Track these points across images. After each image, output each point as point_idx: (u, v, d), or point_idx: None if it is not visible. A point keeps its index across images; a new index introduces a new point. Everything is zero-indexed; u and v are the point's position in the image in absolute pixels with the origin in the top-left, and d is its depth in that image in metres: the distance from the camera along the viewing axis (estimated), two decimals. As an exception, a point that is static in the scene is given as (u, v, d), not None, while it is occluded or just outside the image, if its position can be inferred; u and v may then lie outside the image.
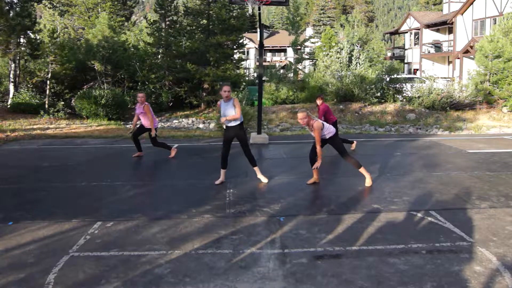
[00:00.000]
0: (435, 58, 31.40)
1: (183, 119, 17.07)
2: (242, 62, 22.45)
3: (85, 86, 18.32)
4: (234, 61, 20.47)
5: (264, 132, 11.34)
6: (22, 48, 16.51)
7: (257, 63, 17.16)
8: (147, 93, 18.72)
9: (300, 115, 5.65)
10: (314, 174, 6.09)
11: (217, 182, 6.12)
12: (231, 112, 5.87)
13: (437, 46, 31.39)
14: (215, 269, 3.44)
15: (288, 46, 40.33)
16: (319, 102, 8.28)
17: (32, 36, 17.01)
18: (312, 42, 34.13)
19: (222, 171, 6.17)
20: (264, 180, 6.21)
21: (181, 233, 4.23)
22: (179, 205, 5.13)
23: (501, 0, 24.02)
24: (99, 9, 30.38)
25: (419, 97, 16.90)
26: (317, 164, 5.68)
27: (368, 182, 5.97)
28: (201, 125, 15.77)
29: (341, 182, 6.23)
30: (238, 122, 5.97)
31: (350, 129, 14.29)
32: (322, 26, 47.85)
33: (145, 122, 7.94)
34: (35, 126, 13.07)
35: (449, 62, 30.48)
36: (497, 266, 3.47)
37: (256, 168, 6.27)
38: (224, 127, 6.08)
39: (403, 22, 36.31)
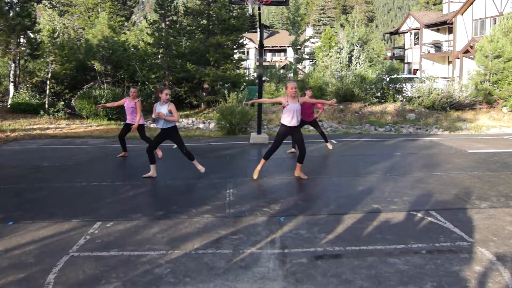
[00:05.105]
0: (435, 58, 31.39)
1: (183, 119, 17.08)
2: (242, 62, 22.43)
3: (85, 86, 18.31)
4: (234, 61, 20.46)
5: (264, 132, 11.34)
6: (22, 48, 16.49)
7: (257, 63, 17.15)
8: (147, 93, 18.73)
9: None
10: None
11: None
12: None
13: (437, 46, 31.39)
14: (215, 269, 3.44)
15: (288, 46, 40.38)
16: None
17: (32, 36, 16.99)
18: (312, 42, 34.14)
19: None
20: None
21: (181, 233, 4.23)
22: (179, 205, 5.12)
23: (501, 0, 24.03)
24: (99, 9, 30.41)
25: (419, 97, 16.89)
26: None
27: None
28: (201, 125, 15.78)
29: (341, 182, 6.23)
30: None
31: (350, 129, 14.28)
32: (322, 26, 47.91)
33: (132, 118, 7.87)
34: (35, 126, 13.07)
35: (449, 62, 30.48)
36: (497, 266, 3.47)
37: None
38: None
39: (403, 22, 36.32)
